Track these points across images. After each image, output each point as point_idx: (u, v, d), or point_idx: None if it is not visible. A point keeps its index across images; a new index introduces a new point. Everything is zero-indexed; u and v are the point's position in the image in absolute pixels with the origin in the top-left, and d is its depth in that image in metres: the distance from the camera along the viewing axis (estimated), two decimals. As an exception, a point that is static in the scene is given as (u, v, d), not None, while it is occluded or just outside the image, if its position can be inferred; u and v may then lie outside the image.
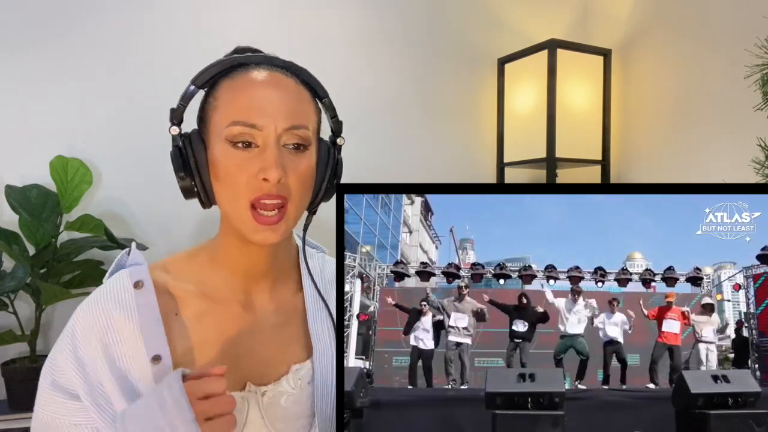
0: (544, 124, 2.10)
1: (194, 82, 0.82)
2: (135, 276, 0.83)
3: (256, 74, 0.81)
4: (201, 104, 0.84)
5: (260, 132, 0.78)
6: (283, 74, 0.83)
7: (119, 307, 0.80)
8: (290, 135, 0.79)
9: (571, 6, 2.45)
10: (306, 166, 0.82)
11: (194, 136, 0.83)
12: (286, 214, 0.80)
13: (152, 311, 0.81)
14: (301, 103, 0.83)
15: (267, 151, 0.78)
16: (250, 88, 0.80)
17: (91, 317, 0.80)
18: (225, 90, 0.81)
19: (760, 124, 1.36)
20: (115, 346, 0.79)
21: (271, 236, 0.80)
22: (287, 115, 0.79)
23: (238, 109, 0.78)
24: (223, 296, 0.87)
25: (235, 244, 0.86)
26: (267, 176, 0.76)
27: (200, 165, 0.81)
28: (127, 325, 0.80)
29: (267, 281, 0.91)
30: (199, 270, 0.88)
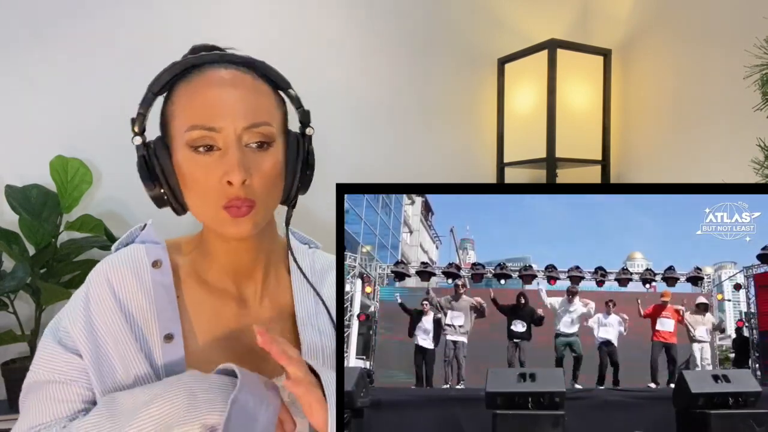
0: (544, 124, 2.10)
1: (151, 88, 0.81)
2: (153, 255, 0.84)
3: (212, 74, 0.79)
4: (161, 110, 0.83)
5: (219, 134, 0.76)
6: (239, 71, 0.80)
7: (136, 280, 0.81)
8: (251, 134, 0.77)
9: (571, 6, 2.45)
10: (271, 164, 0.80)
11: (158, 143, 0.81)
12: (254, 211, 0.78)
13: (168, 291, 0.82)
14: (260, 100, 0.80)
15: (228, 153, 0.76)
16: (206, 89, 0.78)
17: (108, 287, 0.80)
18: (181, 93, 0.79)
19: (760, 124, 1.36)
20: (131, 318, 0.79)
21: (245, 228, 0.78)
22: (246, 114, 0.77)
23: (195, 112, 0.76)
24: (218, 288, 0.88)
25: (217, 241, 0.86)
26: (230, 179, 0.75)
27: (167, 173, 0.79)
28: (142, 301, 0.80)
29: (256, 277, 0.90)
30: (201, 258, 0.89)
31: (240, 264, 0.88)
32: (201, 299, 0.86)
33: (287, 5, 1.98)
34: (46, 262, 1.58)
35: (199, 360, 0.81)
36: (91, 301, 0.80)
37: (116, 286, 0.81)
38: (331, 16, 2.05)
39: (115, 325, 0.79)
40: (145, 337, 0.79)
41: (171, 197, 0.80)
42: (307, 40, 1.99)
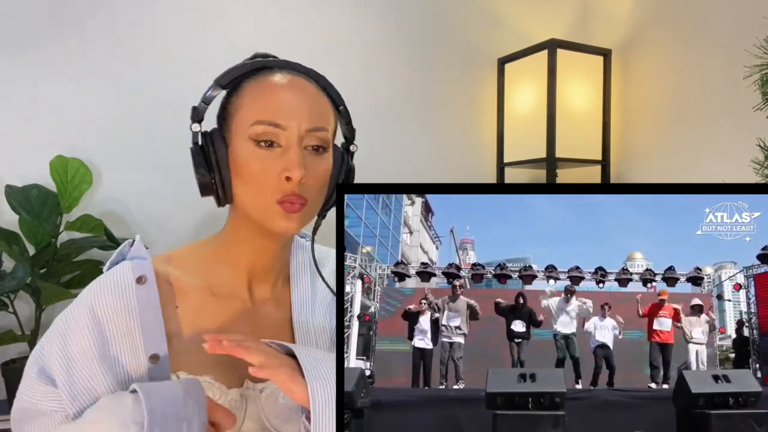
0: (544, 124, 2.10)
1: (218, 81, 0.84)
2: (138, 270, 0.83)
3: (279, 77, 0.84)
4: (222, 104, 0.86)
5: (284, 132, 0.80)
6: (305, 79, 0.86)
7: (120, 300, 0.79)
8: (312, 136, 0.82)
9: (571, 6, 2.45)
10: (325, 168, 0.85)
11: (215, 134, 0.84)
12: (304, 209, 0.82)
13: (153, 308, 0.80)
14: (322, 106, 0.85)
15: (290, 150, 0.80)
16: (274, 89, 0.82)
17: (89, 306, 0.79)
18: (249, 90, 0.83)
19: (760, 124, 1.36)
20: (113, 340, 0.78)
21: (294, 225, 0.82)
22: (310, 117, 0.82)
23: (263, 108, 0.80)
24: (225, 291, 0.88)
25: (245, 239, 0.87)
26: (290, 175, 0.78)
27: (221, 162, 0.82)
28: (126, 321, 0.79)
29: (270, 278, 0.92)
30: (204, 263, 0.89)
31: (259, 264, 0.90)
32: (204, 305, 0.85)
33: (287, 6, 1.98)
34: (46, 262, 1.58)
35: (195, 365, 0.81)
36: (70, 334, 0.78)
37: (98, 310, 0.79)
38: (330, 17, 2.05)
39: (92, 356, 0.76)
40: (131, 360, 0.78)
41: (220, 186, 0.83)
42: (307, 41, 1.99)
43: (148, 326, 0.79)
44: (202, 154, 0.83)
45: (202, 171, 0.82)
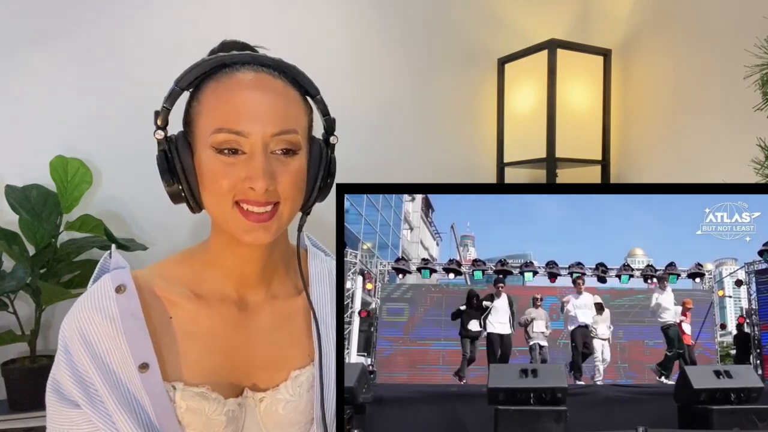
0: (544, 124, 2.10)
1: (177, 83, 0.79)
2: (117, 280, 0.80)
3: (242, 76, 0.77)
4: (186, 107, 0.81)
5: (247, 139, 0.74)
6: (270, 75, 0.79)
7: (101, 314, 0.78)
8: (278, 141, 0.76)
9: (571, 6, 2.46)
10: (297, 167, 0.79)
11: (180, 140, 0.79)
12: (278, 212, 0.78)
13: (135, 316, 0.78)
14: (289, 106, 0.79)
15: (254, 159, 0.74)
16: (236, 91, 0.76)
17: (77, 328, 0.78)
18: (209, 93, 0.78)
19: (760, 124, 1.36)
20: (106, 354, 0.77)
21: (263, 236, 0.77)
22: (275, 121, 0.76)
23: (223, 115, 0.75)
24: (217, 299, 0.85)
25: (226, 247, 0.84)
26: (253, 186, 0.74)
27: (187, 170, 0.78)
28: (111, 333, 0.77)
29: (262, 284, 0.88)
30: (193, 273, 0.86)
31: (247, 270, 0.86)
32: (198, 315, 0.83)
33: (287, 5, 1.98)
34: (46, 262, 1.58)
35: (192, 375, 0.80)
36: (70, 352, 0.78)
37: (86, 329, 0.78)
38: (330, 16, 2.05)
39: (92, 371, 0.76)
40: (122, 371, 0.77)
41: (188, 194, 0.79)
42: (307, 40, 2.00)
43: (131, 334, 0.77)
44: (167, 162, 0.78)
45: (168, 180, 0.78)
